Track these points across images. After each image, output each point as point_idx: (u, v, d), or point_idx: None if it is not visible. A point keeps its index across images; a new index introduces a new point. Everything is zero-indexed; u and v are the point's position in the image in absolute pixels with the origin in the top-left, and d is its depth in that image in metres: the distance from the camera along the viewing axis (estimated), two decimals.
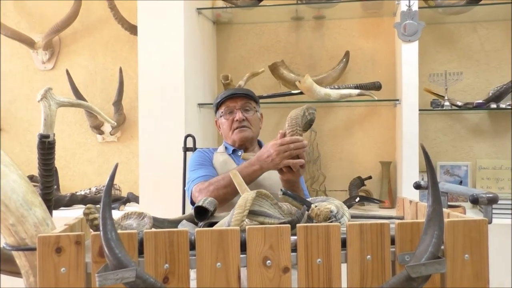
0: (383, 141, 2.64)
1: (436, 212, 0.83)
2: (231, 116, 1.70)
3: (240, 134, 1.69)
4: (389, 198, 2.50)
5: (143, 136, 2.26)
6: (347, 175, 2.62)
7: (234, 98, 1.71)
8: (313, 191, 2.59)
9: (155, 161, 2.24)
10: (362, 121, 2.68)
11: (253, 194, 1.01)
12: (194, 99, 2.38)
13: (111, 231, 0.79)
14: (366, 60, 2.66)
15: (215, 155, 1.74)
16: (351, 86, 2.48)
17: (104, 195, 0.83)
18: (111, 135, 2.82)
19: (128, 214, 1.06)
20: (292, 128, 1.36)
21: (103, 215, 0.81)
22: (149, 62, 2.26)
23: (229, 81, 2.44)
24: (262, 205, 1.03)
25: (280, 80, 2.60)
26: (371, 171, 2.63)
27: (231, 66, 2.75)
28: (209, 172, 1.64)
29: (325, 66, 2.67)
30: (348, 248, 0.90)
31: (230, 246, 0.88)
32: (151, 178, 2.23)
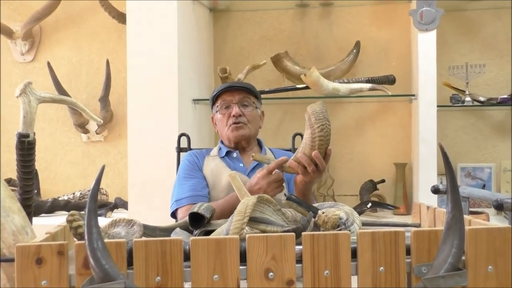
0: (398, 140, 2.64)
1: (456, 219, 0.83)
2: (227, 111, 1.69)
3: (236, 131, 1.68)
4: (404, 204, 2.49)
5: (132, 135, 2.26)
6: (357, 178, 2.61)
7: (232, 91, 1.70)
8: (320, 196, 2.58)
9: (146, 163, 2.23)
10: (374, 118, 2.67)
11: (254, 199, 1.01)
12: (188, 94, 2.37)
13: (97, 240, 0.79)
14: (379, 51, 2.65)
15: (207, 159, 1.73)
16: (362, 80, 2.47)
17: (89, 201, 0.83)
18: (97, 134, 2.82)
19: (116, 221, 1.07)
20: (322, 122, 1.35)
21: (89, 222, 0.81)
22: (139, 53, 2.26)
23: (227, 74, 2.43)
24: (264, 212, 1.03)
25: (284, 74, 2.59)
26: (384, 173, 2.62)
27: (230, 58, 2.74)
28: (196, 187, 1.65)
29: (333, 58, 2.66)
30: (358, 258, 0.90)
31: (229, 256, 0.88)
32: (141, 181, 2.23)
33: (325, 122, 1.35)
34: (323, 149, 1.37)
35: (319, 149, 1.36)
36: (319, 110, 1.37)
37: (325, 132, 1.35)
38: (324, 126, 1.35)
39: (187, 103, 2.36)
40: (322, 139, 1.35)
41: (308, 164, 1.38)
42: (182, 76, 2.27)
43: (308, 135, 1.38)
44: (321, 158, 1.37)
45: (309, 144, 1.37)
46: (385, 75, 2.50)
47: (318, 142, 1.36)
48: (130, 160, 2.26)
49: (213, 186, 1.67)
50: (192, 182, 1.66)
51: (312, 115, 1.36)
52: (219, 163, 1.70)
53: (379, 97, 2.48)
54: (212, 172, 1.68)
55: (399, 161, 2.58)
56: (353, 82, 2.45)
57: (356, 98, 2.49)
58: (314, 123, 1.36)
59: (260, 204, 1.04)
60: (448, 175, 0.86)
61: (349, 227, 1.06)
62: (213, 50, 2.75)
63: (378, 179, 2.57)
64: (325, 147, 1.37)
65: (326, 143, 1.37)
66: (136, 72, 2.26)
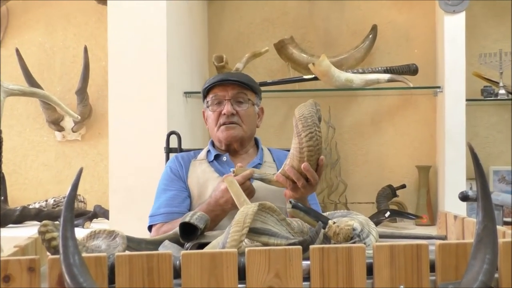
0: (421, 139, 2.64)
1: (488, 230, 0.83)
2: (219, 108, 1.69)
3: (227, 132, 1.68)
4: (428, 213, 2.49)
5: (114, 134, 2.25)
6: (374, 183, 2.61)
7: (225, 85, 1.70)
8: (331, 203, 2.58)
9: (130, 166, 2.23)
10: (393, 114, 2.67)
11: (254, 207, 1.02)
12: (179, 86, 2.37)
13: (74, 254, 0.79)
14: (399, 36, 2.66)
15: (193, 164, 1.74)
16: (379, 69, 2.48)
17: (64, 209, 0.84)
18: (74, 132, 2.82)
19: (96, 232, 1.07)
20: (310, 129, 1.32)
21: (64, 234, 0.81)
22: (122, 39, 2.25)
23: (223, 63, 2.43)
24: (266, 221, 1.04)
25: (289, 62, 2.60)
26: (405, 178, 2.62)
27: (227, 44, 2.75)
28: (174, 201, 1.66)
29: (346, 44, 2.66)
30: (375, 275, 0.90)
31: (225, 273, 0.87)
32: (124, 187, 2.23)
33: (313, 129, 1.31)
34: (313, 160, 1.34)
35: (309, 161, 1.34)
36: (307, 113, 1.33)
37: (315, 141, 1.32)
38: (313, 133, 1.31)
39: (177, 97, 2.35)
40: (311, 149, 1.32)
41: (297, 178, 1.36)
42: (171, 65, 2.27)
43: (295, 145, 1.35)
44: (312, 170, 1.36)
45: (297, 155, 1.34)
46: (406, 64, 2.50)
47: (307, 153, 1.33)
48: (112, 162, 2.26)
49: (199, 195, 1.67)
50: (169, 196, 1.67)
51: (299, 120, 1.33)
52: (206, 169, 1.70)
53: (399, 90, 2.49)
54: (198, 179, 1.69)
55: (422, 164, 2.58)
56: (369, 72, 2.46)
57: (373, 90, 2.49)
58: (301, 130, 1.32)
59: (261, 213, 1.04)
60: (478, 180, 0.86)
61: (364, 240, 1.06)
62: (207, 36, 2.76)
63: (398, 184, 2.57)
64: (316, 158, 1.35)
65: (317, 153, 1.34)
66: (119, 61, 2.25)
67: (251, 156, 1.75)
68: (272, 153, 1.80)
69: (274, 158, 1.77)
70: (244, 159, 1.73)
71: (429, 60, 2.58)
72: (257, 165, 1.71)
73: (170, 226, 1.58)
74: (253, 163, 1.71)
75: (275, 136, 2.68)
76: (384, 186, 2.55)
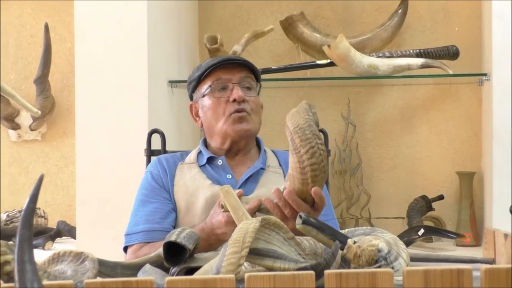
0: (462, 140, 2.64)
1: None
2: (224, 94, 1.69)
3: (239, 124, 1.67)
4: (471, 230, 2.49)
5: (82, 133, 2.25)
6: (404, 194, 2.61)
7: (229, 67, 1.70)
8: (352, 218, 2.58)
9: (102, 172, 2.23)
10: (428, 108, 2.66)
11: (256, 223, 1.01)
12: (163, 74, 2.37)
13: (33, 281, 0.79)
14: (435, 12, 2.66)
15: (180, 168, 1.74)
16: (410, 53, 2.47)
17: (21, 226, 0.84)
18: (32, 131, 2.82)
19: (60, 255, 1.07)
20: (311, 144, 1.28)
21: (20, 257, 0.81)
22: (92, 15, 2.25)
23: (217, 45, 2.42)
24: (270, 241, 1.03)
25: (299, 44, 2.59)
26: (443, 187, 2.62)
27: (222, 22, 2.75)
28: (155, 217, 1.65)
29: (369, 22, 2.67)
30: None
31: None
32: (94, 198, 2.23)
33: (314, 142, 1.28)
34: (319, 181, 1.31)
35: (314, 182, 1.31)
36: (303, 123, 1.29)
37: (318, 157, 1.28)
38: (315, 148, 1.28)
39: (160, 87, 2.35)
40: (315, 168, 1.29)
41: (297, 205, 1.33)
42: (154, 48, 2.26)
43: (294, 164, 1.32)
44: (322, 195, 1.33)
45: (298, 176, 1.32)
46: (444, 46, 2.50)
47: (310, 173, 1.30)
48: (79, 168, 2.25)
49: (187, 208, 1.67)
50: (149, 209, 1.67)
51: (295, 133, 1.29)
52: (197, 174, 1.70)
53: (435, 78, 2.48)
54: (186, 187, 1.69)
55: (464, 170, 2.58)
56: (398, 56, 2.45)
57: (403, 79, 2.49)
58: (299, 146, 1.29)
59: (265, 230, 1.03)
60: None
61: (392, 263, 1.05)
62: (197, 12, 2.76)
63: (434, 194, 2.57)
64: (323, 178, 1.32)
65: (322, 171, 1.30)
66: (88, 43, 2.24)
67: (252, 159, 1.75)
68: (277, 156, 1.80)
69: (280, 161, 1.77)
70: (244, 163, 1.73)
71: (473, 41, 2.58)
72: (259, 170, 1.71)
73: (151, 247, 1.58)
74: (254, 167, 1.71)
75: (281, 136, 2.69)
76: (416, 197, 2.54)
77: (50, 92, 2.77)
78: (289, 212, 1.33)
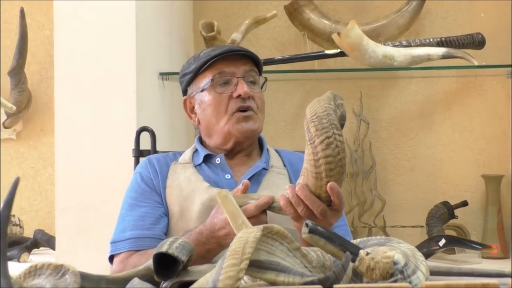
0: (488, 139, 2.63)
1: None
2: (227, 88, 1.69)
3: (245, 124, 1.68)
4: (499, 241, 2.48)
5: (61, 131, 2.24)
6: (423, 200, 2.60)
7: (232, 58, 1.70)
8: (364, 227, 2.58)
9: (84, 175, 2.22)
10: (450, 103, 2.66)
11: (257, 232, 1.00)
12: (153, 65, 2.37)
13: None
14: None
15: (173, 168, 1.74)
16: (430, 41, 2.46)
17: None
18: (6, 129, 2.82)
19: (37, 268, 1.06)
20: (327, 133, 1.28)
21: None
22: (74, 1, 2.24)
23: (214, 33, 2.42)
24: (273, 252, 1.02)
25: (305, 32, 2.58)
26: (467, 192, 2.61)
27: (219, 8, 2.74)
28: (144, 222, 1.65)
29: (384, 7, 2.67)
30: None
31: None
32: (76, 204, 2.21)
33: (331, 132, 1.28)
34: (335, 176, 1.31)
35: (329, 177, 1.30)
36: (321, 112, 1.31)
37: (334, 149, 1.28)
38: (331, 138, 1.28)
39: (150, 79, 2.35)
40: (330, 161, 1.29)
41: (311, 202, 1.33)
42: (142, 36, 2.25)
43: (308, 156, 1.32)
44: (339, 191, 1.32)
45: (311, 170, 1.32)
46: (468, 34, 2.49)
47: (324, 167, 1.30)
48: (59, 170, 2.24)
49: (182, 213, 1.67)
50: (138, 214, 1.67)
51: (311, 122, 1.30)
52: (192, 176, 1.70)
53: (458, 69, 2.48)
54: (180, 190, 1.68)
55: (490, 173, 2.57)
56: (417, 45, 2.44)
57: (422, 70, 2.48)
58: (314, 135, 1.29)
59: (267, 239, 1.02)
60: None
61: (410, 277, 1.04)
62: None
63: (457, 200, 2.56)
64: (339, 173, 1.31)
65: (338, 165, 1.30)
66: (69, 30, 2.23)
67: (253, 158, 1.76)
68: (281, 156, 1.81)
69: (284, 162, 1.78)
70: (245, 163, 1.74)
71: (501, 28, 2.56)
72: (261, 170, 1.71)
73: (141, 256, 1.58)
74: (256, 167, 1.71)
75: (285, 134, 2.69)
76: (437, 203, 2.53)
77: (26, 85, 2.77)
78: (302, 211, 1.33)
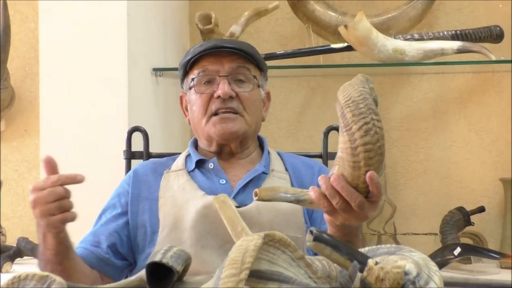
0: (507, 139, 2.63)
1: None
2: (209, 88, 1.71)
3: (222, 125, 1.69)
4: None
5: (47, 131, 2.25)
6: (437, 205, 2.61)
7: (219, 55, 1.71)
8: (373, 234, 2.59)
9: None
10: (465, 101, 2.67)
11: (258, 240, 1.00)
12: (146, 61, 2.37)
13: None
14: None
15: (165, 177, 1.75)
16: (444, 34, 2.46)
17: None
18: None
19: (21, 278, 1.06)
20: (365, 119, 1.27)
21: None
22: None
23: (211, 26, 2.42)
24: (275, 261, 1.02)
25: (309, 24, 2.58)
26: (484, 197, 2.62)
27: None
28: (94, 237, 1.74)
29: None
30: None
31: None
32: None
33: (370, 117, 1.28)
34: (374, 165, 1.30)
35: (368, 166, 1.29)
36: (356, 96, 1.30)
37: (373, 136, 1.28)
38: (370, 124, 1.28)
39: (143, 76, 2.36)
40: (369, 148, 1.28)
41: (349, 194, 1.31)
42: (135, 29, 2.26)
43: (344, 144, 1.32)
44: (379, 181, 1.31)
45: (348, 159, 1.31)
46: (485, 27, 2.49)
47: (363, 155, 1.29)
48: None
49: (175, 224, 1.67)
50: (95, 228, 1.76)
51: (346, 107, 1.29)
52: (186, 184, 1.71)
53: (474, 65, 2.48)
54: (174, 200, 1.69)
55: (509, 176, 2.56)
56: (430, 38, 2.45)
57: (435, 66, 2.49)
58: (351, 122, 1.28)
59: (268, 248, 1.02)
60: None
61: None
62: None
63: (473, 206, 2.56)
64: (378, 161, 1.30)
65: (378, 153, 1.29)
66: (55, 23, 2.23)
67: (252, 161, 1.77)
68: (283, 159, 1.81)
69: (287, 166, 1.79)
70: (242, 166, 1.75)
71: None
72: (260, 174, 1.72)
73: None
74: (255, 171, 1.72)
75: (289, 135, 2.69)
76: (452, 209, 2.53)
77: (9, 82, 2.76)
78: (338, 203, 1.31)
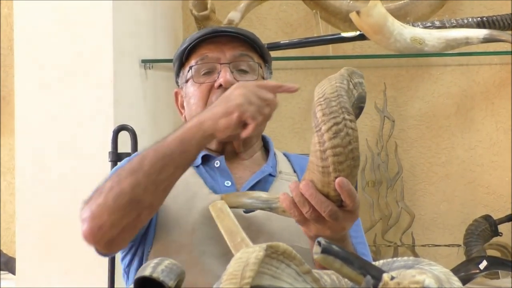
0: None
1: None
2: (209, 78, 1.74)
3: None
4: None
5: (23, 130, 2.28)
6: (460, 213, 2.63)
7: (219, 42, 1.75)
8: (389, 246, 2.60)
9: (51, 183, 2.25)
10: (492, 97, 2.68)
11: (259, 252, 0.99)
12: (134, 51, 2.41)
13: None
14: None
15: None
16: (469, 21, 2.48)
17: None
18: None
19: None
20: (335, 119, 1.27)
21: None
22: None
23: (207, 12, 2.46)
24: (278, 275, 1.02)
25: (317, 10, 2.60)
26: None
27: None
28: None
29: None
30: None
31: None
32: (41, 219, 2.24)
33: (341, 117, 1.28)
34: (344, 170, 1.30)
35: (337, 171, 1.30)
36: (330, 92, 1.31)
37: (344, 138, 1.28)
38: (340, 125, 1.28)
39: (131, 68, 2.39)
40: (339, 151, 1.29)
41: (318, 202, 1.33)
42: (121, 16, 2.30)
43: (314, 146, 1.33)
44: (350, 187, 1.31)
45: (317, 163, 1.33)
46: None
47: (332, 159, 1.29)
48: (20, 178, 2.28)
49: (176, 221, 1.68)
50: None
51: (318, 105, 1.31)
52: (190, 178, 1.71)
53: (502, 55, 2.50)
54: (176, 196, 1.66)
55: None
56: (452, 26, 2.47)
57: (458, 57, 2.51)
58: (321, 121, 1.30)
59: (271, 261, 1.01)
60: None
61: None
62: None
63: (501, 214, 2.59)
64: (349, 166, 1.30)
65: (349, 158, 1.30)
66: (32, 10, 2.28)
67: (258, 162, 1.80)
68: (291, 160, 1.86)
69: (294, 167, 1.83)
70: (248, 167, 1.78)
71: None
72: (267, 176, 1.75)
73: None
74: (262, 172, 1.75)
75: (294, 134, 2.73)
76: (477, 217, 2.56)
77: None
78: (308, 212, 1.34)
